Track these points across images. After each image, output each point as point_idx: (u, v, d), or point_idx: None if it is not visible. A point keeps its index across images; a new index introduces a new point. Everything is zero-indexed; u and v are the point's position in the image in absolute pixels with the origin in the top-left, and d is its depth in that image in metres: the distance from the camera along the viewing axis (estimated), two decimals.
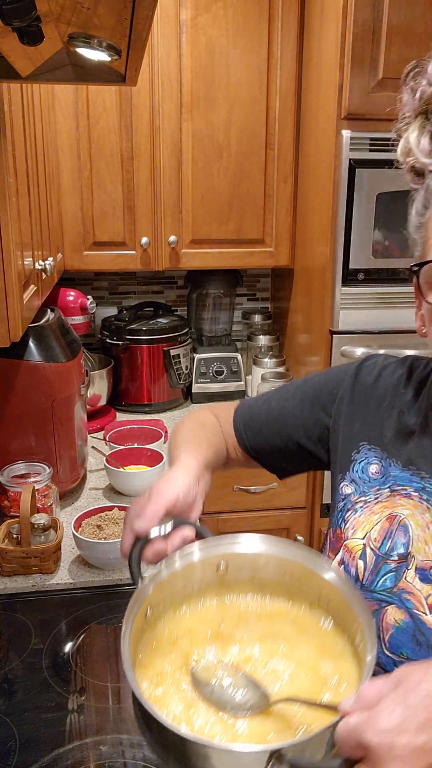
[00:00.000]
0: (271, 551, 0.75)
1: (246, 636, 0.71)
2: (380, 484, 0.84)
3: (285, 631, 0.72)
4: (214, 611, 0.75)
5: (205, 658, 0.69)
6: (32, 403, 1.56)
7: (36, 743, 1.00)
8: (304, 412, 0.98)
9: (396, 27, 1.75)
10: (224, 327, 2.60)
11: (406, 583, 0.76)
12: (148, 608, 0.73)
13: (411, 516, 0.79)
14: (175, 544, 0.76)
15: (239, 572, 0.76)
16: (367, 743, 0.48)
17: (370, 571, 0.80)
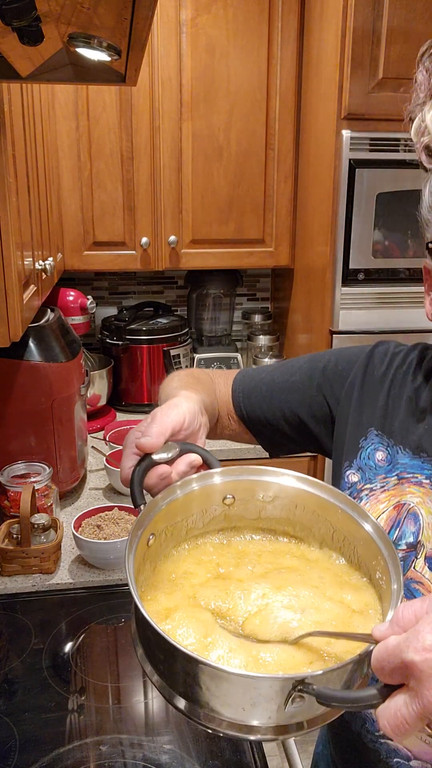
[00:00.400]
0: (286, 483, 0.70)
1: (254, 571, 0.66)
2: (386, 472, 0.83)
3: (295, 566, 0.68)
4: (217, 551, 0.70)
5: (215, 599, 0.63)
6: (32, 403, 1.56)
7: (36, 743, 1.00)
8: (310, 390, 0.94)
9: (396, 27, 1.75)
10: (224, 327, 2.60)
11: (415, 572, 0.75)
12: (151, 536, 0.66)
13: (422, 504, 0.77)
14: (180, 470, 0.70)
15: (246, 505, 0.71)
16: (410, 661, 0.46)
17: None
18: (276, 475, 0.71)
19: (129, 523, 1.47)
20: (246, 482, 0.71)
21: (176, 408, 0.75)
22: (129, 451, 0.71)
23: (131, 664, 1.19)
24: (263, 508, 0.72)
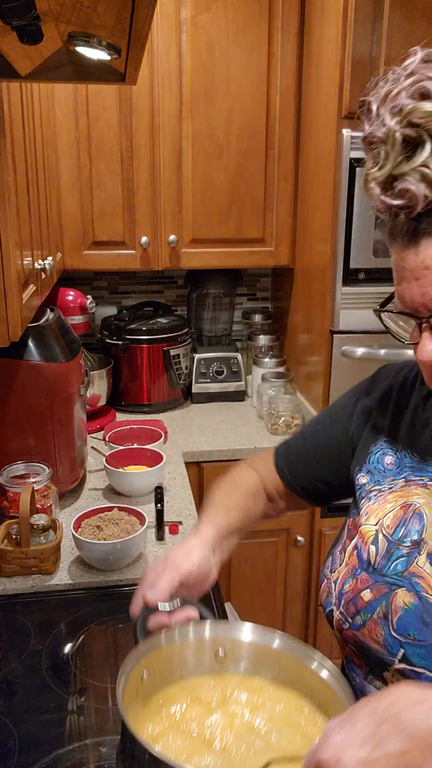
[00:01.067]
0: (270, 643, 0.80)
1: (233, 711, 0.77)
2: (395, 475, 0.86)
3: (271, 712, 0.77)
4: (206, 691, 0.80)
5: (199, 727, 0.74)
6: (32, 403, 1.56)
7: (35, 744, 1.00)
8: (335, 433, 1.00)
9: (397, 26, 1.74)
10: (224, 327, 2.60)
11: (417, 567, 0.78)
12: (145, 671, 0.76)
13: (426, 504, 0.80)
14: (178, 621, 0.81)
15: (236, 662, 0.82)
16: (319, 759, 0.55)
17: (382, 556, 0.81)
18: (263, 633, 0.81)
19: (129, 523, 1.47)
20: (236, 641, 0.82)
21: (188, 556, 0.86)
22: (140, 594, 0.85)
23: None
24: (249, 666, 0.83)
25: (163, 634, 0.80)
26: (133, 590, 1.36)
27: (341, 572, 0.86)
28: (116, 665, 1.19)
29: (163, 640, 0.80)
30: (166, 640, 0.80)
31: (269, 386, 2.29)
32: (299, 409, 2.21)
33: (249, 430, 2.23)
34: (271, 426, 2.19)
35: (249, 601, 2.25)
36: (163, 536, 1.54)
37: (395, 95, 0.67)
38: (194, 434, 2.19)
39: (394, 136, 0.67)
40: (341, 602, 0.84)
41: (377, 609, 0.79)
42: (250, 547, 2.19)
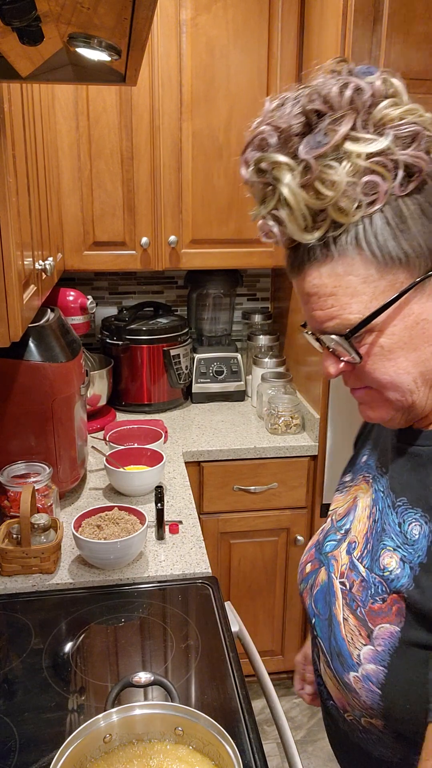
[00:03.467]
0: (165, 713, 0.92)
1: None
2: (363, 472, 0.91)
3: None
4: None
5: None
6: (32, 403, 1.56)
7: (36, 743, 1.00)
8: None
9: (396, 27, 1.75)
10: (224, 327, 2.60)
11: (339, 551, 0.86)
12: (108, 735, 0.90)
13: (361, 498, 0.87)
14: None
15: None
16: None
17: (323, 536, 0.93)
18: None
19: (129, 523, 1.47)
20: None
21: None
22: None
23: (131, 664, 1.19)
24: None
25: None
26: (133, 590, 1.37)
27: (308, 545, 0.98)
28: (117, 665, 1.19)
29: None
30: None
31: (269, 386, 2.30)
32: (299, 409, 2.21)
33: (249, 430, 2.23)
34: (271, 426, 2.20)
35: (249, 600, 2.25)
36: (163, 535, 1.54)
37: (247, 145, 0.71)
38: (194, 434, 2.19)
39: (251, 182, 0.72)
40: (299, 569, 0.96)
41: (309, 581, 0.90)
42: (249, 547, 2.19)
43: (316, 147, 0.66)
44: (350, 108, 0.66)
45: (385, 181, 0.66)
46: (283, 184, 0.68)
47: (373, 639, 0.74)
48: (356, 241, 0.68)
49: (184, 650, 1.21)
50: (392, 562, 0.75)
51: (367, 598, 0.77)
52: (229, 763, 0.84)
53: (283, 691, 2.39)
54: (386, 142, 0.66)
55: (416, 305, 0.70)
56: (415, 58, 1.78)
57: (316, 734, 2.24)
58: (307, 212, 0.68)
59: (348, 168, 0.66)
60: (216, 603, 1.34)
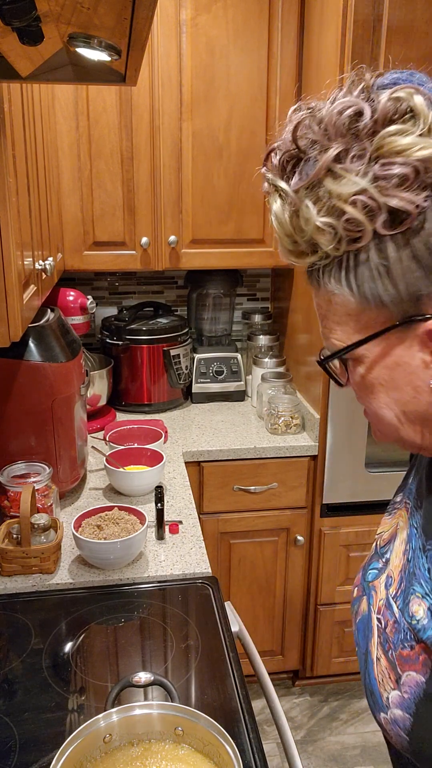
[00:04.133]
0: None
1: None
2: (407, 497, 0.86)
3: None
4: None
5: None
6: (32, 403, 1.56)
7: (36, 743, 1.00)
8: None
9: (396, 26, 1.75)
10: (224, 327, 2.60)
11: (378, 582, 0.81)
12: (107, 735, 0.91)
13: (401, 529, 0.81)
14: None
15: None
16: None
17: (368, 561, 0.87)
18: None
19: (129, 523, 1.47)
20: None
21: None
22: None
23: (131, 664, 1.19)
24: None
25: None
26: (133, 590, 1.37)
27: (362, 563, 0.93)
28: (117, 665, 1.19)
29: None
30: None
31: (269, 386, 2.30)
32: (299, 409, 2.21)
33: (249, 430, 2.23)
34: (271, 426, 2.20)
35: (249, 600, 2.25)
36: (163, 535, 1.55)
37: (264, 159, 0.70)
38: (194, 434, 2.19)
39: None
40: (352, 589, 0.91)
41: (355, 606, 0.86)
42: (249, 547, 2.19)
43: (302, 178, 0.64)
44: (346, 134, 0.61)
45: (369, 223, 0.61)
46: (272, 210, 0.68)
47: (401, 685, 0.73)
48: (338, 277, 0.66)
49: (184, 650, 1.21)
50: (420, 611, 0.71)
51: (398, 642, 0.74)
52: (229, 763, 0.84)
53: (283, 691, 2.39)
54: (363, 183, 0.60)
55: (398, 349, 0.66)
56: (415, 58, 1.78)
57: (316, 734, 2.24)
58: (290, 236, 0.68)
59: (320, 206, 0.63)
60: (216, 603, 1.34)
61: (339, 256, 0.65)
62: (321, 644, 2.29)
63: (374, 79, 0.64)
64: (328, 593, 2.24)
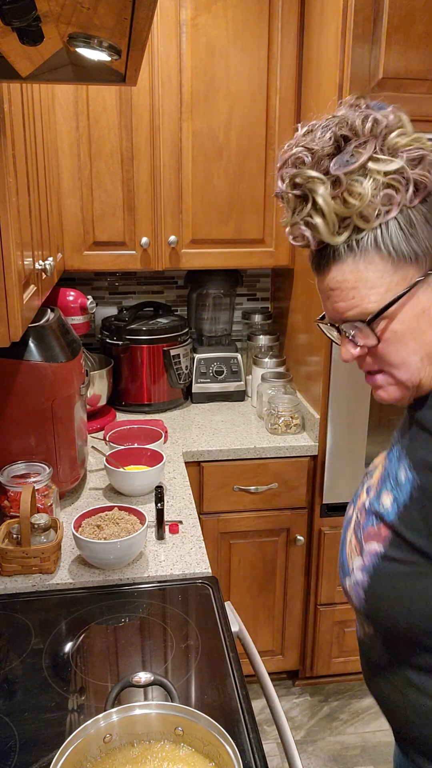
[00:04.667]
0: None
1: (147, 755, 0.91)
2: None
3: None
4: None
5: None
6: (32, 403, 1.56)
7: (36, 743, 1.00)
8: None
9: (396, 27, 1.75)
10: (224, 327, 2.60)
11: (363, 491, 0.99)
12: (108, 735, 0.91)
13: (386, 453, 1.00)
14: None
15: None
16: None
17: (360, 484, 1.04)
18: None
19: (129, 523, 1.47)
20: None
21: None
22: None
23: (131, 664, 1.19)
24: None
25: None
26: (133, 590, 1.37)
27: None
28: (117, 665, 1.19)
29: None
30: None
31: (269, 386, 2.30)
32: (299, 409, 2.21)
33: (249, 430, 2.23)
34: (271, 426, 2.20)
35: (249, 600, 2.25)
36: (163, 535, 1.55)
37: (283, 163, 0.87)
38: (194, 434, 2.19)
39: (287, 195, 0.87)
40: None
41: (345, 516, 1.04)
42: (249, 547, 2.19)
43: (345, 165, 0.82)
44: (371, 135, 0.83)
45: (398, 194, 0.82)
46: (318, 194, 0.83)
47: (364, 554, 0.93)
48: (375, 243, 0.83)
49: (184, 650, 1.21)
50: (387, 501, 0.91)
51: (366, 524, 0.94)
52: (229, 763, 0.84)
53: (283, 691, 2.39)
54: (401, 162, 0.82)
55: (423, 296, 0.85)
56: (415, 57, 1.78)
57: (316, 734, 2.24)
58: (335, 219, 0.84)
59: (371, 183, 0.82)
60: (216, 603, 1.34)
61: (373, 227, 0.83)
62: (321, 644, 2.29)
63: (367, 100, 0.87)
64: (328, 593, 2.24)
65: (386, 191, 0.82)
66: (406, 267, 0.84)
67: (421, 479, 0.86)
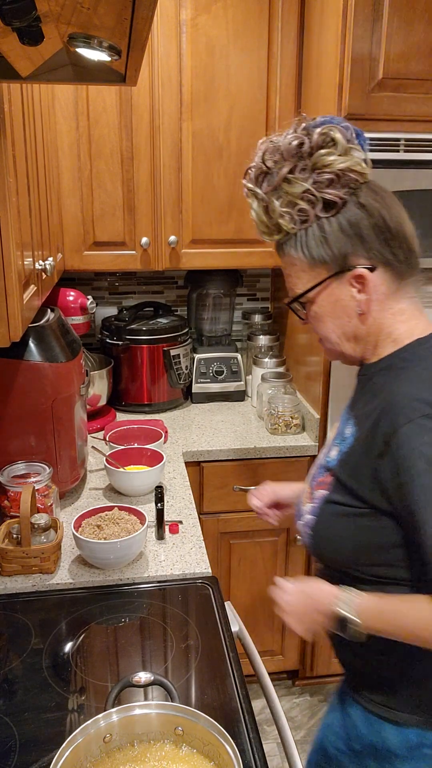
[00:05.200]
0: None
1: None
2: None
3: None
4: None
5: None
6: (32, 403, 1.56)
7: (36, 743, 1.01)
8: None
9: (396, 27, 1.75)
10: (224, 327, 2.60)
11: (321, 453, 1.18)
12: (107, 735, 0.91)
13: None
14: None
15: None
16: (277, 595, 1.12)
17: None
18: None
19: (129, 523, 1.47)
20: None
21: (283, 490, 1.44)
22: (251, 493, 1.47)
23: (131, 664, 1.19)
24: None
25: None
26: (133, 590, 1.37)
27: None
28: (117, 664, 1.19)
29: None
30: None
31: (269, 386, 2.30)
32: (299, 409, 2.21)
33: (249, 430, 2.23)
34: (271, 426, 2.20)
35: (249, 600, 2.25)
36: (163, 535, 1.54)
37: (245, 174, 1.09)
38: (194, 434, 2.19)
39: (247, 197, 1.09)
40: None
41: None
42: (249, 547, 2.19)
43: (268, 185, 1.04)
44: (292, 157, 1.01)
45: (312, 209, 1.01)
46: (252, 206, 1.08)
47: (313, 499, 1.11)
48: (295, 246, 1.05)
49: (184, 650, 1.21)
50: (334, 453, 1.10)
51: (318, 475, 1.14)
52: (229, 763, 0.84)
53: (283, 691, 2.39)
54: (307, 185, 1.01)
55: (336, 290, 1.05)
56: (415, 57, 1.78)
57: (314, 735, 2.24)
58: (267, 224, 1.07)
59: (282, 201, 1.03)
60: (216, 603, 1.34)
61: (295, 233, 1.04)
62: (321, 644, 2.29)
63: (309, 121, 1.04)
64: None
65: (301, 206, 1.01)
66: (319, 266, 1.04)
67: (359, 430, 1.03)
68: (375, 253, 1.02)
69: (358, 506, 1.01)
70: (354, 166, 1.01)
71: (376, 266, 1.02)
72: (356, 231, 1.01)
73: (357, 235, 1.01)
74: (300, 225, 1.02)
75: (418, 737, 1.06)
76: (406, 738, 1.06)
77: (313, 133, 1.00)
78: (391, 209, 1.03)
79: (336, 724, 1.18)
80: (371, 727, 1.09)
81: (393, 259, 1.03)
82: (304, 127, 1.02)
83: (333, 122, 1.02)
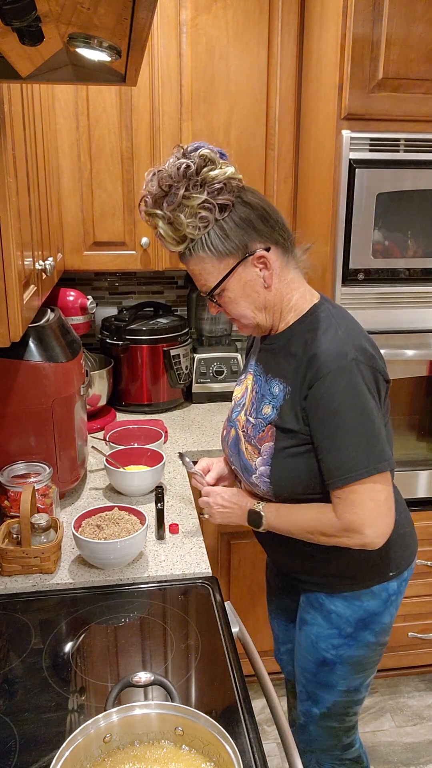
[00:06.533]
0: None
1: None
2: (249, 369, 1.47)
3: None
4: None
5: None
6: (32, 403, 1.56)
7: (36, 743, 1.01)
8: None
9: (396, 27, 1.75)
10: (224, 327, 2.60)
11: (240, 416, 1.43)
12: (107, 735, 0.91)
13: (249, 383, 1.43)
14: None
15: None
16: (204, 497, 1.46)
17: (231, 412, 1.49)
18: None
19: (129, 523, 1.47)
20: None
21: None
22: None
23: (131, 664, 1.19)
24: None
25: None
26: (133, 590, 1.37)
27: (224, 422, 1.55)
28: (117, 664, 1.19)
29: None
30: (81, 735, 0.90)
31: None
32: None
33: None
34: None
35: (249, 600, 2.25)
36: (163, 536, 1.55)
37: (140, 201, 1.30)
38: (194, 434, 2.19)
39: (146, 220, 1.29)
40: (221, 435, 1.55)
41: (226, 439, 1.49)
42: (249, 547, 2.19)
43: (170, 204, 1.23)
44: (183, 178, 1.21)
45: (211, 214, 1.22)
46: (158, 225, 1.26)
47: (261, 453, 1.32)
48: (202, 247, 1.25)
49: (184, 650, 1.21)
50: (267, 410, 1.32)
51: (256, 433, 1.34)
52: (229, 763, 0.84)
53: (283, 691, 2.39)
54: (204, 195, 1.21)
55: (244, 273, 1.27)
56: (415, 58, 1.78)
57: None
58: (173, 237, 1.26)
59: (186, 213, 1.22)
60: (216, 603, 1.34)
61: (200, 237, 1.24)
62: None
63: (187, 147, 1.24)
64: None
65: (202, 214, 1.22)
66: (227, 258, 1.25)
67: (290, 385, 1.27)
68: (266, 236, 1.26)
69: (302, 443, 1.26)
70: (233, 174, 1.24)
71: (270, 246, 1.26)
72: (248, 223, 1.24)
73: (250, 226, 1.24)
74: (203, 230, 1.23)
75: (383, 590, 1.36)
76: (379, 596, 1.36)
77: (193, 156, 1.21)
78: (267, 202, 1.29)
79: (322, 631, 1.40)
80: (352, 604, 1.36)
81: (280, 238, 1.27)
82: (183, 153, 1.23)
83: (202, 146, 1.23)
